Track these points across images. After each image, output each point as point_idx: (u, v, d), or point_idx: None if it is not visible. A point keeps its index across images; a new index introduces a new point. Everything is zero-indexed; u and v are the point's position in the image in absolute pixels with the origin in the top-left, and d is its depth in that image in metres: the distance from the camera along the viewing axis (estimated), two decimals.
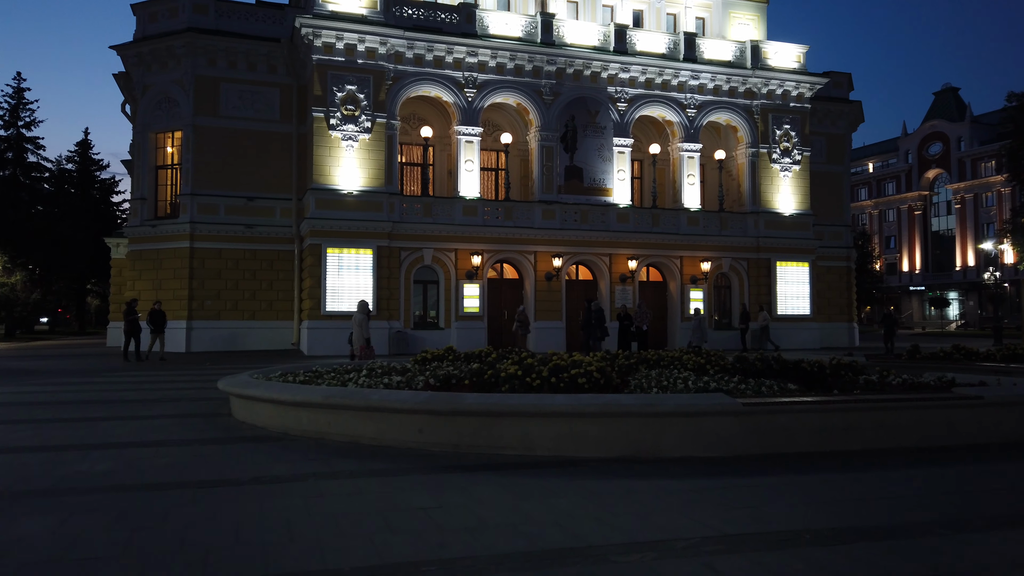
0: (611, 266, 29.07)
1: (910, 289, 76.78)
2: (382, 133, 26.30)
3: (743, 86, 30.90)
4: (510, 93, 28.26)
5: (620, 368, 12.44)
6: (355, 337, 16.47)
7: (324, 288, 25.14)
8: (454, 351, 14.42)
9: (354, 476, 6.56)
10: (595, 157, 29.05)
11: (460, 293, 27.05)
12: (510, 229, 27.71)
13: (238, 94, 27.16)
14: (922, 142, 76.94)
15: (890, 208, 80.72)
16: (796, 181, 31.48)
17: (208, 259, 26.54)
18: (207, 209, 26.63)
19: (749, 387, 9.21)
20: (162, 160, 27.97)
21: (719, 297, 31.18)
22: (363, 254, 25.70)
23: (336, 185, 25.60)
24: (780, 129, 31.35)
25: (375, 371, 11.18)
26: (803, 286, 31.13)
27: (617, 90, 29.37)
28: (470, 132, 27.51)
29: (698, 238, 29.88)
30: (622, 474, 6.83)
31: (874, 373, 11.87)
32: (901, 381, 10.94)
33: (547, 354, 11.60)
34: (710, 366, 11.93)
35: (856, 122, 35.94)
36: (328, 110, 25.63)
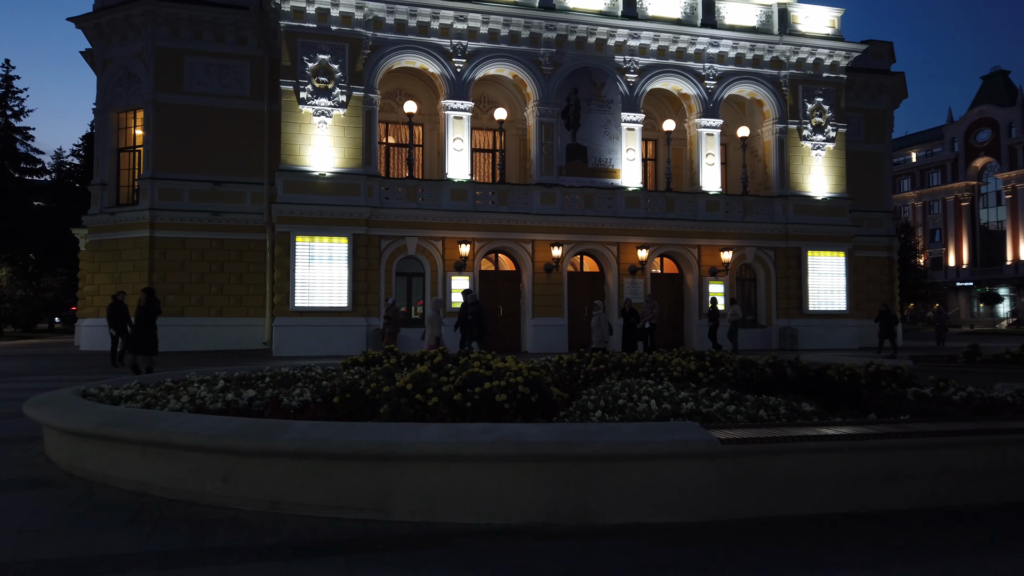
0: (619, 256, 25.97)
1: (957, 285, 72.12)
2: (359, 108, 23.58)
3: (769, 54, 27.55)
4: (505, 63, 25.33)
5: (586, 376, 9.51)
6: (427, 336, 16.17)
7: (293, 281, 22.51)
8: (395, 353, 11.67)
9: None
10: (601, 135, 25.97)
11: (448, 287, 24.22)
12: (505, 215, 24.81)
13: (204, 68, 24.68)
14: (969, 129, 72.21)
15: (935, 199, 76.04)
16: (830, 161, 28.02)
17: (170, 250, 24.11)
18: (169, 195, 24.21)
19: (743, 409, 6.22)
20: (124, 142, 25.63)
21: (743, 290, 27.86)
22: (337, 243, 23.00)
23: (307, 166, 22.94)
24: (811, 103, 27.92)
25: (244, 380, 8.38)
26: (838, 278, 27.66)
27: (626, 59, 26.25)
28: (459, 107, 24.64)
29: (718, 225, 26.62)
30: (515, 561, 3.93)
31: (927, 384, 8.80)
32: (965, 396, 7.84)
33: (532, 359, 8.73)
34: (704, 374, 8.94)
35: (898, 97, 32.29)
36: (298, 82, 22.98)
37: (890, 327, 23.40)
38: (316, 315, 22.51)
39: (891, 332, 23.44)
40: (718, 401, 6.66)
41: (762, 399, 6.62)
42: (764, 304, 27.43)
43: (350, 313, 22.94)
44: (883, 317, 23.50)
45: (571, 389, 8.34)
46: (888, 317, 23.42)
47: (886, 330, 23.35)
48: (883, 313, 23.65)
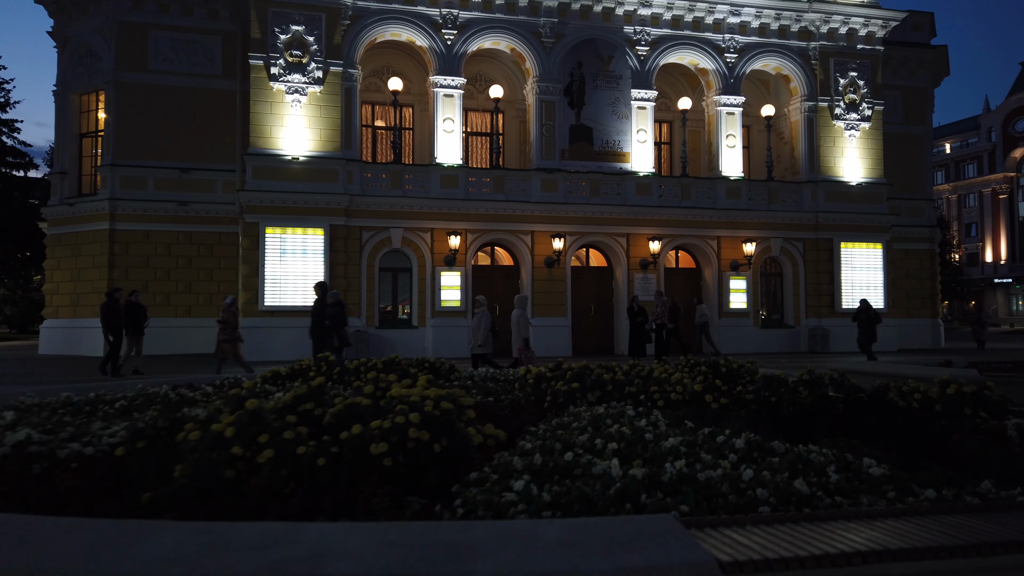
0: (629, 249, 23.39)
1: (994, 282, 68.38)
2: (338, 85, 21.24)
3: (796, 24, 24.77)
4: (501, 35, 22.85)
5: (553, 397, 7.07)
6: (513, 337, 14.58)
7: (262, 277, 20.24)
8: (331, 363, 9.42)
9: None
10: (608, 114, 23.40)
11: (437, 283, 21.83)
12: (501, 204, 22.35)
13: (171, 44, 22.48)
14: (1007, 118, 68.45)
15: (971, 192, 72.33)
16: (865, 142, 25.19)
17: (133, 243, 21.95)
18: (132, 183, 22.05)
19: (767, 472, 3.71)
20: (86, 126, 23.53)
21: (767, 286, 25.13)
22: (312, 235, 20.69)
23: (279, 149, 20.65)
24: (844, 78, 25.10)
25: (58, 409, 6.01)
26: (875, 273, 24.82)
27: (636, 30, 23.64)
28: (450, 83, 22.21)
29: (740, 213, 23.93)
30: None
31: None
32: None
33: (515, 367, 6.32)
34: (713, 398, 6.44)
35: (940, 74, 29.31)
36: (269, 56, 20.70)
37: (871, 327, 19.81)
38: (289, 315, 20.22)
39: (870, 333, 19.78)
40: (728, 453, 4.16)
41: (797, 451, 4.09)
42: (791, 302, 24.68)
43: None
44: (862, 315, 19.89)
45: (521, 421, 5.86)
46: (869, 315, 19.83)
47: (866, 331, 19.70)
48: (862, 310, 20.04)
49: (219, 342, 15.17)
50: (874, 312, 19.98)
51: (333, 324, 13.81)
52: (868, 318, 19.69)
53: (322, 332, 13.97)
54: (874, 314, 19.86)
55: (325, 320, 13.90)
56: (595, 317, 23.65)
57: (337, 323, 13.91)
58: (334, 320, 13.85)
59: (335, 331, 13.88)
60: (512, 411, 6.99)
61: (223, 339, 15.08)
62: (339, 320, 14.00)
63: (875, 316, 19.83)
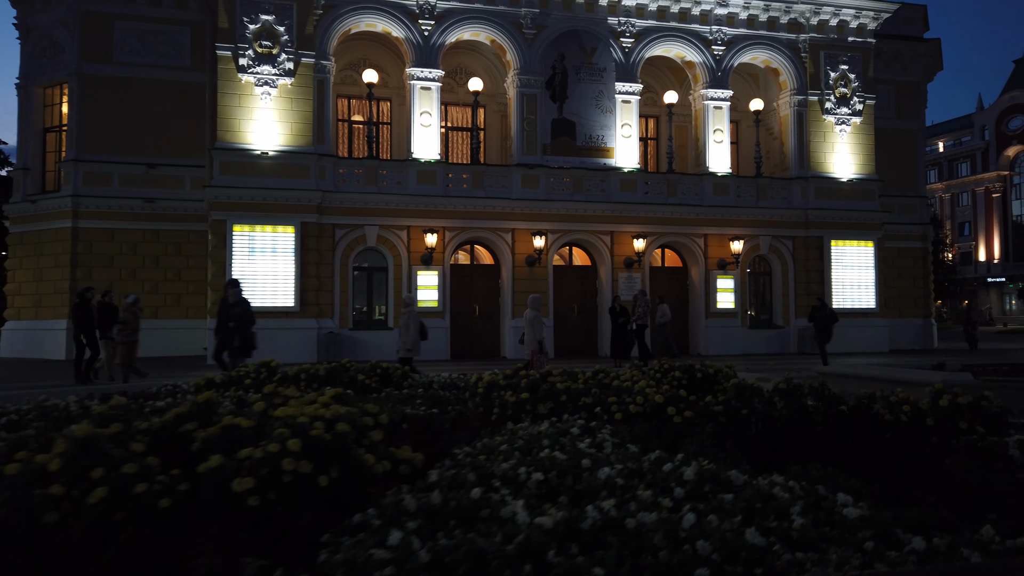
0: (613, 247, 22.65)
1: (988, 281, 67.97)
2: (309, 77, 20.45)
3: (786, 16, 24.08)
4: (480, 26, 22.08)
5: (502, 408, 6.34)
6: (527, 339, 13.84)
7: (230, 277, 19.39)
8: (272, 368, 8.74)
9: None
10: (591, 108, 22.66)
11: (414, 283, 21.05)
12: (481, 200, 21.59)
13: (137, 35, 21.67)
14: (1000, 116, 68.01)
15: (964, 191, 71.90)
16: (857, 137, 24.51)
17: (97, 242, 21.13)
18: (96, 179, 21.23)
19: (715, 518, 2.93)
20: (50, 120, 22.67)
21: (756, 285, 24.42)
22: (283, 232, 19.90)
23: (247, 144, 19.85)
24: (835, 71, 24.41)
25: None
26: (866, 271, 24.14)
27: (620, 21, 22.91)
28: (427, 76, 21.44)
29: (728, 211, 23.21)
30: None
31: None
32: None
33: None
34: (676, 410, 5.72)
35: (933, 68, 28.67)
36: (237, 47, 19.89)
37: (827, 327, 18.36)
38: (257, 316, 19.28)
39: (826, 333, 18.37)
40: (674, 486, 3.43)
41: (757, 486, 3.34)
42: (781, 301, 23.98)
43: (298, 314, 19.85)
44: (818, 314, 18.57)
45: (453, 440, 5.10)
46: (825, 314, 18.45)
47: (822, 331, 18.32)
48: (818, 308, 18.76)
49: (117, 344, 13.81)
50: (831, 311, 18.83)
51: (238, 325, 12.56)
52: (824, 317, 18.38)
53: (227, 334, 12.69)
54: (831, 313, 18.67)
55: (229, 321, 12.64)
56: (578, 318, 22.91)
57: (242, 324, 12.65)
58: (239, 321, 12.59)
59: (240, 333, 12.63)
60: (454, 425, 6.25)
61: (121, 341, 13.73)
62: (244, 320, 12.75)
63: (832, 315, 18.63)
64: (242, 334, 12.53)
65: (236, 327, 12.45)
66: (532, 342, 13.73)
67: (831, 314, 18.48)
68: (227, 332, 12.54)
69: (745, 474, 3.65)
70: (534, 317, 13.96)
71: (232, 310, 12.62)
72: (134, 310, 14.08)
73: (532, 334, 13.78)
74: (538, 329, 13.85)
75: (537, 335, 13.76)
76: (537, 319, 13.97)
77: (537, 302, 14.41)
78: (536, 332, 13.79)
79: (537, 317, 14.00)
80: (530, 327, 13.88)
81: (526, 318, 14.10)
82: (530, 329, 13.86)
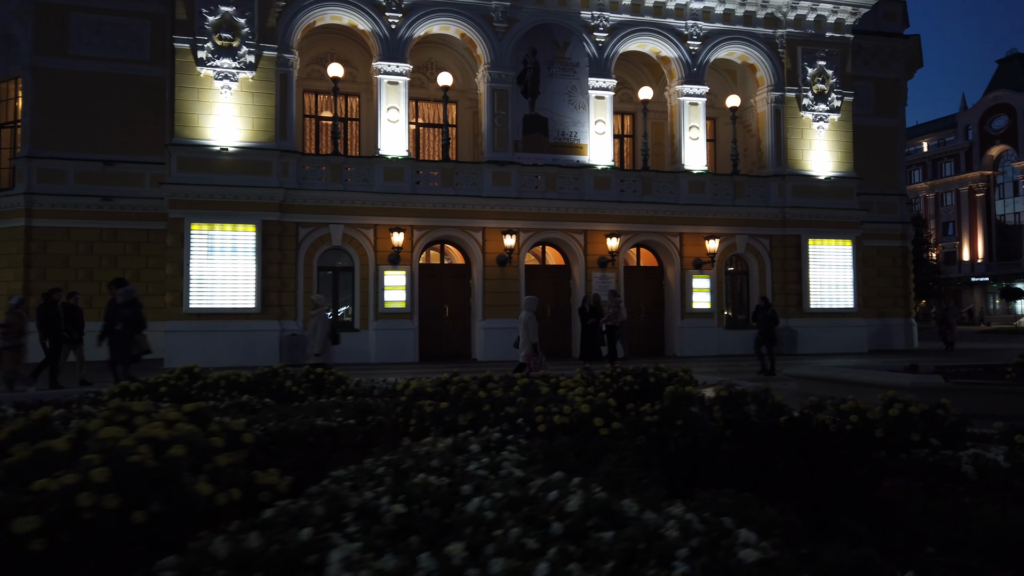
0: (587, 246, 22.14)
1: (972, 280, 68.02)
2: (272, 71, 19.83)
3: (762, 11, 23.64)
4: (449, 19, 21.51)
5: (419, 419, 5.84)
6: (521, 342, 13.52)
7: (187, 277, 18.78)
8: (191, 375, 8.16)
9: None
10: (564, 104, 22.14)
11: (380, 283, 20.46)
12: (450, 198, 21.02)
13: (94, 27, 20.95)
14: (984, 116, 68.07)
15: (948, 191, 71.94)
16: (835, 134, 24.11)
17: (52, 241, 20.40)
18: (51, 177, 20.50)
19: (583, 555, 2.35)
20: (4, 116, 21.94)
21: (733, 285, 23.96)
22: (243, 231, 19.26)
23: (207, 139, 19.20)
24: (813, 67, 24.00)
25: None
26: (844, 271, 23.74)
27: (594, 15, 22.40)
28: (394, 70, 20.85)
29: (703, 209, 22.75)
30: None
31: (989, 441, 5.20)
32: None
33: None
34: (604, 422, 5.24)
35: (913, 65, 28.35)
36: (196, 39, 19.25)
37: (770, 329, 17.10)
38: (217, 318, 18.80)
39: (770, 336, 17.09)
40: (552, 520, 2.89)
41: (647, 521, 2.79)
42: (758, 301, 23.48)
43: (259, 316, 19.22)
44: (760, 315, 17.45)
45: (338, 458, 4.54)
46: (767, 315, 17.23)
47: (765, 333, 17.04)
48: (760, 308, 17.65)
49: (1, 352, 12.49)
50: (772, 311, 17.51)
51: (127, 328, 11.56)
52: (766, 318, 17.11)
53: (115, 338, 11.64)
54: (772, 314, 17.35)
55: (116, 324, 11.62)
56: (551, 319, 22.34)
57: (132, 327, 11.64)
58: (128, 323, 11.58)
59: (129, 336, 11.63)
60: (365, 438, 5.73)
61: (5, 346, 12.45)
62: (134, 323, 11.73)
63: (773, 316, 17.33)
64: (134, 338, 11.61)
65: (125, 330, 11.48)
66: (527, 344, 13.39)
67: (772, 315, 17.24)
68: (116, 336, 11.52)
69: (642, 503, 3.11)
70: (529, 318, 13.59)
71: (120, 312, 11.62)
72: (19, 312, 12.91)
73: (527, 336, 13.42)
74: (533, 331, 13.49)
75: (532, 337, 13.42)
76: (532, 321, 13.60)
77: (533, 303, 14.06)
78: (531, 334, 13.44)
79: (532, 319, 13.63)
80: (525, 329, 13.50)
81: (521, 320, 13.72)
82: (525, 331, 13.48)
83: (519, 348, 13.68)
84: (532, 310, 13.83)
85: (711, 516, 2.96)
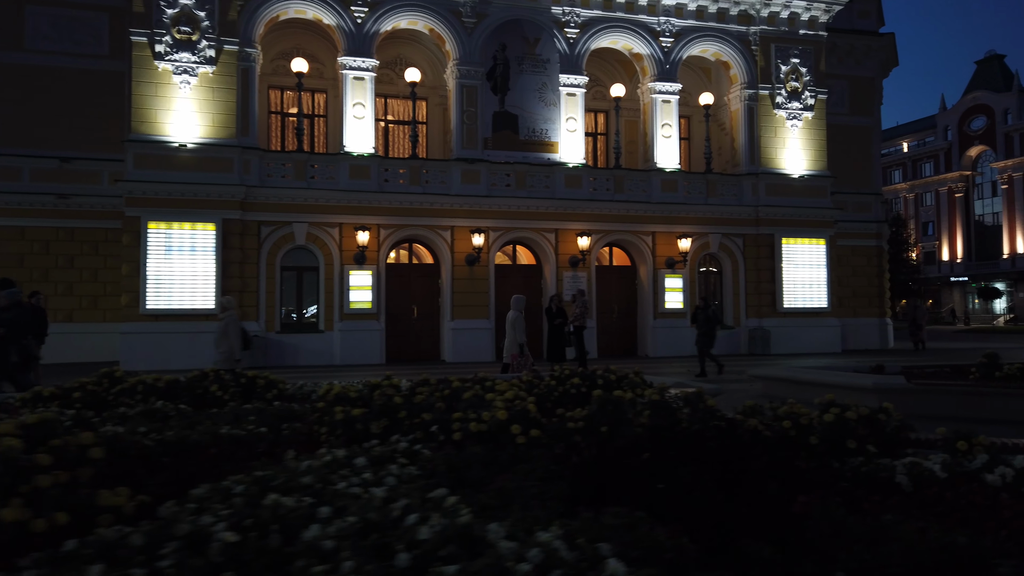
0: (558, 246, 21.80)
1: (951, 280, 68.37)
2: (233, 65, 19.33)
3: (736, 7, 23.40)
4: (417, 14, 21.10)
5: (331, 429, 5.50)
6: (507, 342, 13.28)
7: (144, 277, 18.25)
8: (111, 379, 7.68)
9: None
10: (535, 101, 21.79)
11: (346, 283, 20.01)
12: (418, 196, 20.61)
13: (50, 21, 20.34)
14: (963, 116, 68.44)
15: (927, 191, 72.29)
16: (808, 132, 23.91)
17: (6, 240, 19.78)
18: (5, 174, 19.87)
19: None
20: None
21: (706, 285, 23.68)
22: (203, 230, 18.75)
23: (165, 135, 18.69)
24: (786, 64, 23.79)
25: None
26: (818, 270, 23.54)
27: (564, 11, 22.06)
28: (360, 66, 20.42)
29: (676, 208, 22.47)
30: None
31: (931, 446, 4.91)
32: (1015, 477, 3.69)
33: None
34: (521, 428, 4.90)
35: (888, 64, 28.21)
36: (153, 32, 18.73)
37: (710, 331, 16.34)
38: (175, 319, 18.28)
39: (708, 337, 16.31)
40: (401, 549, 2.50)
41: (499, 551, 2.42)
42: (731, 301, 23.29)
43: (220, 317, 18.67)
44: (700, 315, 16.77)
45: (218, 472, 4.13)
46: (708, 315, 16.56)
47: (706, 334, 16.31)
48: (700, 309, 17.03)
49: None
50: (714, 312, 17.00)
51: (11, 333, 10.60)
52: (707, 319, 16.45)
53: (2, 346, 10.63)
54: (713, 314, 16.76)
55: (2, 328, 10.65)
56: None
57: (17, 331, 10.73)
58: (12, 327, 10.61)
59: (15, 342, 10.69)
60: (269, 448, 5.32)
61: None
62: (20, 327, 10.83)
63: (715, 316, 16.75)
64: (19, 344, 10.69)
65: (8, 335, 10.55)
66: (513, 345, 13.17)
67: (713, 315, 16.77)
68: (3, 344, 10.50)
69: (515, 526, 2.74)
70: (516, 318, 13.35)
71: (2, 315, 10.67)
72: None
73: (514, 336, 13.20)
74: (520, 331, 13.27)
75: (519, 338, 13.19)
76: (520, 320, 13.39)
77: (520, 302, 13.78)
78: (518, 335, 13.21)
79: (520, 318, 13.41)
80: (512, 329, 13.30)
81: (508, 319, 13.52)
82: (511, 331, 13.28)
83: (506, 348, 13.44)
84: (520, 310, 13.53)
85: (587, 542, 2.59)
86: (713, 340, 16.40)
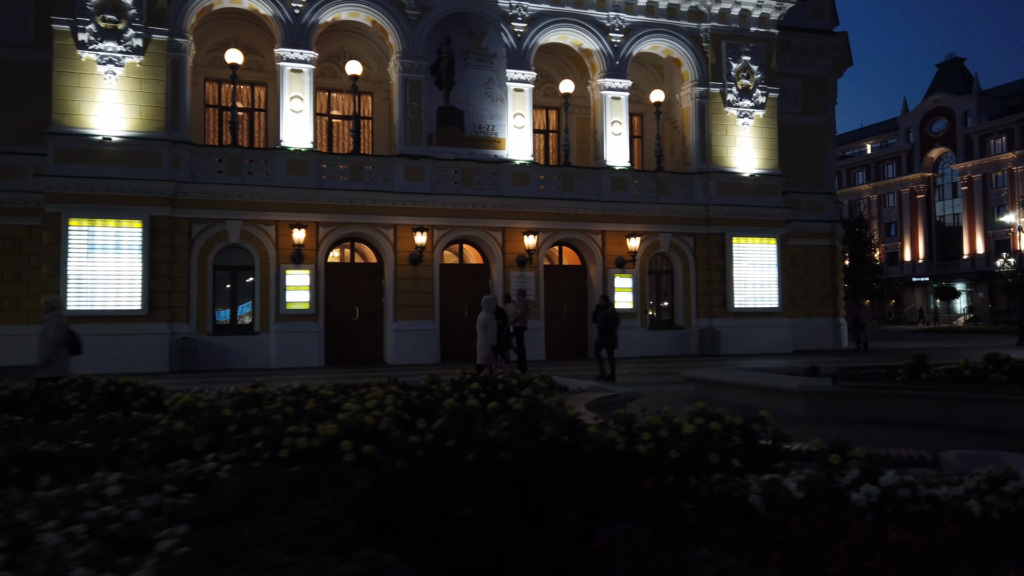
0: (505, 245, 21.29)
1: (913, 280, 69.08)
2: (162, 56, 18.54)
3: (686, 3, 23.07)
4: (358, 5, 20.45)
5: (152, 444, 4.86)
6: (479, 344, 12.85)
7: (65, 276, 17.40)
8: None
9: None
10: (481, 96, 21.26)
11: (282, 283, 19.31)
12: (359, 194, 19.97)
13: None
14: (924, 119, 69.21)
15: (890, 192, 73.00)
16: (760, 131, 23.66)
17: None
18: None
19: None
20: None
21: (656, 284, 23.34)
22: (128, 227, 17.93)
23: (88, 128, 17.85)
24: (737, 62, 23.52)
25: None
26: (769, 270, 23.30)
27: (512, 4, 21.56)
28: (298, 58, 19.74)
29: (626, 206, 22.07)
30: None
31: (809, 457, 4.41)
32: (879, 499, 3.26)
33: None
34: (352, 446, 4.31)
35: (842, 63, 28.12)
36: (76, 20, 17.88)
37: (610, 331, 15.52)
38: (99, 320, 17.42)
39: (611, 338, 15.48)
40: None
41: None
42: (682, 301, 22.96)
43: (146, 318, 17.92)
44: (600, 314, 15.94)
45: None
46: (607, 315, 15.68)
47: (605, 334, 15.46)
48: (600, 308, 16.23)
49: None
50: (613, 312, 16.00)
51: None
52: (606, 318, 15.58)
53: None
54: (612, 313, 15.85)
55: None
56: (469, 320, 21.30)
57: None
58: None
59: None
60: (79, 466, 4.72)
61: None
62: None
63: (614, 317, 15.81)
64: None
65: None
66: (484, 346, 12.82)
67: (613, 315, 15.93)
68: None
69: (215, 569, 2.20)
70: (488, 319, 12.93)
71: None
72: None
73: (485, 337, 12.84)
74: (492, 333, 12.92)
75: (491, 339, 12.86)
76: (492, 322, 12.98)
77: (491, 303, 13.36)
78: (490, 336, 12.86)
79: (492, 319, 13.00)
80: (483, 330, 12.90)
81: (480, 320, 13.06)
82: (483, 332, 12.89)
83: (478, 349, 13.02)
84: (491, 310, 13.09)
85: None
86: (615, 340, 15.57)
